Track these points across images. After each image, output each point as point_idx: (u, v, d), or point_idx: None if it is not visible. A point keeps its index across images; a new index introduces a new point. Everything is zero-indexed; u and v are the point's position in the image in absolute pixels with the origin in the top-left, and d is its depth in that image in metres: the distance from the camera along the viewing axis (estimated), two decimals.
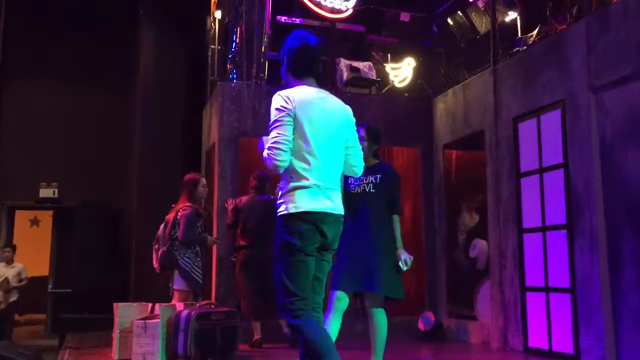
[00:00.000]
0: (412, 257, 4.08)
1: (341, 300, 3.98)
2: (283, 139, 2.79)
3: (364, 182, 4.12)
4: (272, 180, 6.11)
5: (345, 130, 3.05)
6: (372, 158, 4.18)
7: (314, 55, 3.08)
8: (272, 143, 2.81)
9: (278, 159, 2.78)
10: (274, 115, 2.86)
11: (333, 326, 3.98)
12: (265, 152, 2.83)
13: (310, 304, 2.86)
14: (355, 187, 4.13)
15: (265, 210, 5.89)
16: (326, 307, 3.91)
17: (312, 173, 2.84)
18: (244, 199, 6.22)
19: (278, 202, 2.91)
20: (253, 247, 6.05)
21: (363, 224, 4.03)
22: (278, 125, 2.82)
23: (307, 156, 2.85)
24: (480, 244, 6.78)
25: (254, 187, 6.23)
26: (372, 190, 4.09)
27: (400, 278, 4.10)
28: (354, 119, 3.16)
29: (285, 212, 2.85)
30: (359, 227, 4.02)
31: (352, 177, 3.95)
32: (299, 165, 2.84)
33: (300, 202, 2.81)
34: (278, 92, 2.95)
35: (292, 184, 2.85)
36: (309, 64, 3.07)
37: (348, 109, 3.13)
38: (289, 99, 2.87)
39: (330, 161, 2.92)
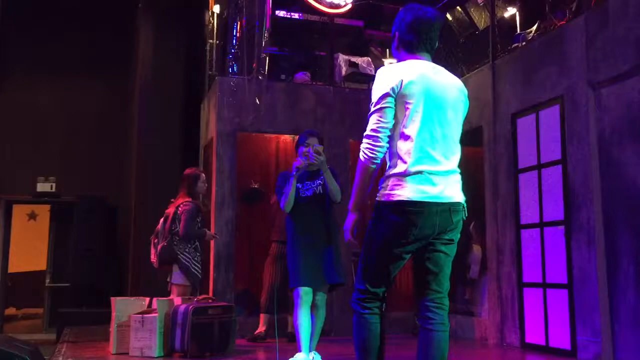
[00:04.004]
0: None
1: (308, 295, 4.16)
2: (381, 127, 2.55)
3: (312, 185, 4.35)
4: None
5: (459, 110, 2.74)
6: None
7: (430, 29, 2.73)
8: (371, 131, 2.57)
9: (375, 149, 2.54)
10: (374, 94, 2.60)
11: (305, 321, 4.13)
12: (364, 142, 2.58)
13: (378, 299, 2.64)
14: (305, 192, 4.33)
15: None
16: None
17: (414, 157, 2.54)
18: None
19: (379, 185, 2.66)
20: (284, 242, 6.17)
21: (318, 222, 4.29)
22: (378, 109, 2.57)
23: (411, 137, 2.56)
24: (475, 255, 6.81)
25: None
26: (321, 192, 4.34)
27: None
28: (467, 101, 2.84)
29: (378, 198, 2.60)
30: (315, 226, 4.27)
31: (298, 183, 4.26)
32: (399, 148, 2.56)
33: (393, 191, 2.54)
34: (383, 67, 2.69)
35: (391, 170, 2.59)
36: (424, 37, 2.72)
37: (465, 89, 2.81)
38: (393, 74, 2.59)
39: (441, 143, 2.62)
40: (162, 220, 5.57)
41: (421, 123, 2.57)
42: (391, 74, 2.59)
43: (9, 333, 8.91)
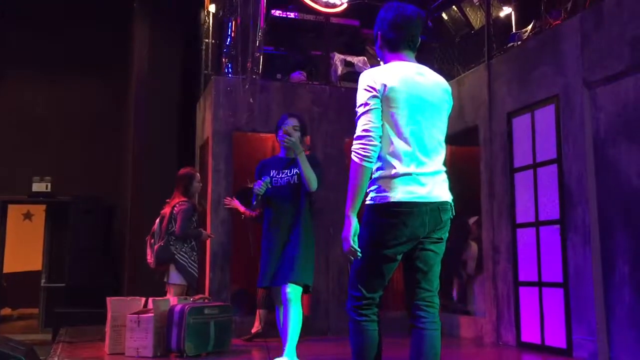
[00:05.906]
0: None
1: (277, 293, 4.00)
2: (373, 127, 2.54)
3: (288, 174, 4.11)
4: None
5: (443, 110, 2.74)
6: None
7: (411, 25, 2.76)
8: (362, 131, 2.56)
9: (369, 148, 2.54)
10: (360, 97, 2.61)
11: (281, 322, 4.02)
12: (355, 144, 2.57)
13: (374, 305, 2.63)
14: (279, 181, 4.11)
15: None
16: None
17: (401, 160, 2.56)
18: None
19: (368, 189, 2.63)
20: None
21: (288, 214, 4.04)
22: (366, 111, 2.57)
23: (397, 141, 2.57)
24: (473, 251, 6.81)
25: None
26: (296, 182, 4.08)
27: (312, 264, 4.09)
28: (452, 100, 2.83)
29: (368, 202, 2.60)
30: (283, 217, 4.03)
31: (274, 170, 4.09)
32: (386, 151, 2.57)
33: (383, 193, 2.54)
34: (366, 70, 2.70)
35: (379, 172, 2.59)
36: (406, 34, 2.75)
37: (449, 88, 2.81)
38: (376, 77, 2.60)
39: (426, 144, 2.62)
40: (157, 220, 5.58)
41: (406, 126, 2.58)
42: (374, 78, 2.60)
43: (5, 333, 8.89)
